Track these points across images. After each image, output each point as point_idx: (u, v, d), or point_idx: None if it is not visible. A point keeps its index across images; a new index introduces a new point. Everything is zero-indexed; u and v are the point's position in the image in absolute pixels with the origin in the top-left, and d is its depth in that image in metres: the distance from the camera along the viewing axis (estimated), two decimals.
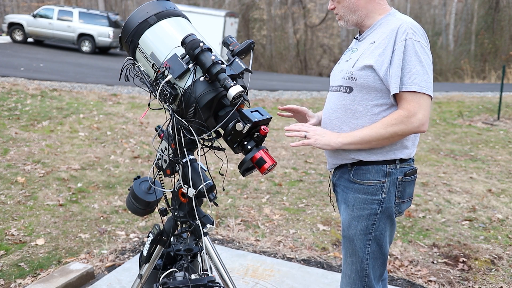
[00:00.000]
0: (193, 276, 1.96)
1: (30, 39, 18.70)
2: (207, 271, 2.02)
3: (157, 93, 1.69)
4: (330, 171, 2.05)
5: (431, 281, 3.18)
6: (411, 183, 1.90)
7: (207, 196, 1.79)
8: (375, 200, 1.84)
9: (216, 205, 2.00)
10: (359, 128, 1.82)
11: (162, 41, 1.73)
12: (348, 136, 1.78)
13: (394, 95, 1.77)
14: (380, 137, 1.75)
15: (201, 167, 1.84)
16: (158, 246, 1.98)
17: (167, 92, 1.65)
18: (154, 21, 1.75)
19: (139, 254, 2.39)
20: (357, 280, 1.92)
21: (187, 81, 1.65)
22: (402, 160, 1.85)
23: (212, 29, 17.00)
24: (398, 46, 1.73)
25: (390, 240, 1.97)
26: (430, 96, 1.75)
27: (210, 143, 1.80)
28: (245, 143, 1.70)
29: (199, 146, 1.77)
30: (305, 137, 1.80)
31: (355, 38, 1.98)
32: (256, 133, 1.70)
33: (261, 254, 3.44)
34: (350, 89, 1.83)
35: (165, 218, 2.05)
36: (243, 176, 1.74)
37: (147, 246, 1.98)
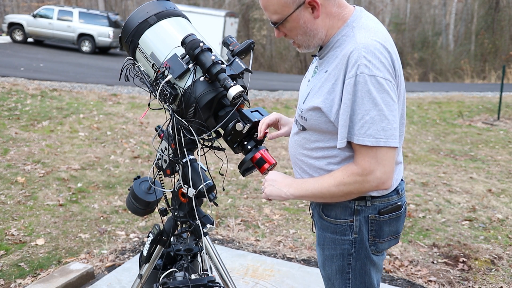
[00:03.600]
0: (193, 276, 1.96)
1: (30, 39, 18.70)
2: (207, 271, 2.02)
3: (157, 93, 1.69)
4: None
5: (431, 281, 3.18)
6: (393, 220, 1.57)
7: (207, 196, 1.79)
8: (346, 241, 1.56)
9: (216, 205, 2.00)
10: (318, 169, 1.56)
11: (162, 41, 1.73)
12: (300, 189, 1.53)
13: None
14: (334, 195, 1.48)
15: (201, 167, 1.84)
16: (158, 246, 1.98)
17: (167, 92, 1.65)
18: (154, 21, 1.75)
19: (139, 254, 2.39)
20: None
21: (187, 81, 1.65)
22: (374, 197, 1.53)
23: (212, 29, 17.01)
24: (346, 85, 1.38)
25: (378, 281, 1.66)
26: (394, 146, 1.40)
27: (210, 143, 1.80)
28: (245, 143, 1.70)
29: (199, 146, 1.77)
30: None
31: (313, 56, 1.66)
32: (256, 133, 1.70)
33: (261, 254, 3.44)
34: (303, 128, 1.56)
35: (165, 218, 2.05)
36: (243, 176, 1.74)
37: (147, 246, 1.98)
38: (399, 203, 1.57)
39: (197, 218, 1.88)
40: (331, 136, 1.49)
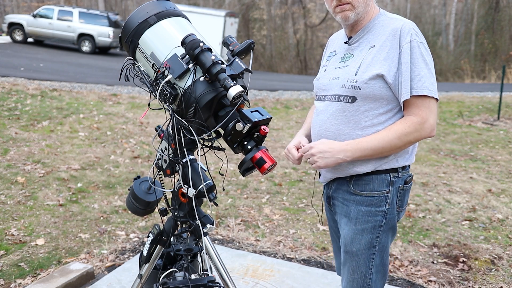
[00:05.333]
0: (193, 276, 1.96)
1: (30, 39, 18.70)
2: (207, 271, 2.02)
3: (157, 93, 1.68)
4: (324, 185, 1.96)
5: (431, 281, 3.18)
6: (408, 190, 1.84)
7: (207, 196, 1.79)
8: (380, 212, 1.76)
9: (216, 205, 2.00)
10: None
11: (162, 41, 1.73)
12: (357, 150, 1.70)
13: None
14: (394, 147, 1.69)
15: (201, 167, 1.84)
16: (158, 246, 1.98)
17: (167, 92, 1.65)
18: (154, 21, 1.75)
19: (139, 254, 2.39)
20: None
21: (187, 81, 1.65)
22: (403, 168, 1.79)
23: (212, 29, 17.02)
24: (404, 48, 1.68)
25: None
26: (437, 99, 1.71)
27: (210, 143, 1.79)
28: (245, 143, 1.69)
29: (199, 146, 1.76)
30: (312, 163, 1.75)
31: (345, 43, 1.87)
32: (256, 133, 1.70)
33: (261, 254, 3.44)
34: (353, 99, 1.74)
35: (165, 218, 2.05)
36: (243, 176, 1.74)
37: (147, 246, 1.98)
38: (412, 174, 1.85)
39: (197, 218, 1.88)
40: (380, 103, 1.72)
